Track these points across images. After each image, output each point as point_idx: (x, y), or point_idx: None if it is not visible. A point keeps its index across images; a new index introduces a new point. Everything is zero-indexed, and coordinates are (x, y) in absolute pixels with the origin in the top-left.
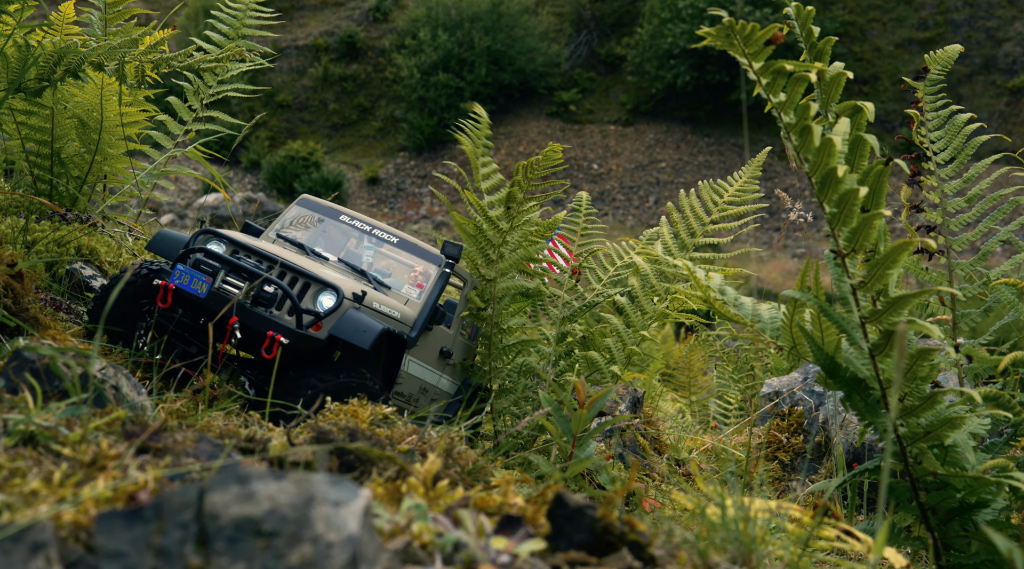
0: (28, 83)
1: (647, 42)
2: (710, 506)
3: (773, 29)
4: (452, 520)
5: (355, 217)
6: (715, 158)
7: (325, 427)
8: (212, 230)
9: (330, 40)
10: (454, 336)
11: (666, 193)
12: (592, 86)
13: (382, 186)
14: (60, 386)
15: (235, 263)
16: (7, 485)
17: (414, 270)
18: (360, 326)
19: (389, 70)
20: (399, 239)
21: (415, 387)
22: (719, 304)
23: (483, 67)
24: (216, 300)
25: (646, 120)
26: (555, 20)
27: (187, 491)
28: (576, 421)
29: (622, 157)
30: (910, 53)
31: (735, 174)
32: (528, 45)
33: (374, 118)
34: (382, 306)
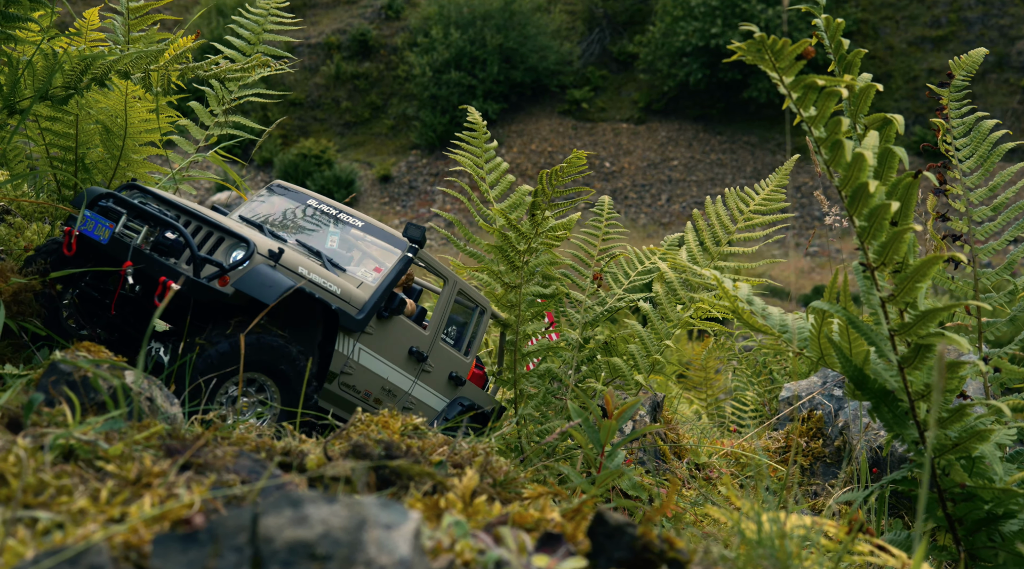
0: (55, 91)
1: (659, 40)
2: (746, 522)
3: (804, 44)
4: (493, 537)
5: (322, 201)
6: (728, 156)
7: (361, 441)
8: (136, 185)
9: (342, 38)
10: (431, 340)
11: (678, 191)
12: (604, 84)
13: (394, 184)
14: (96, 398)
15: (139, 208)
16: (54, 503)
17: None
18: (266, 281)
19: (401, 68)
20: (364, 223)
21: (373, 385)
22: (747, 315)
23: (495, 65)
24: (117, 247)
25: (658, 118)
26: (567, 18)
27: (241, 515)
28: (605, 431)
29: (634, 155)
30: (923, 51)
31: (762, 182)
32: (540, 43)
33: (386, 116)
34: (318, 277)
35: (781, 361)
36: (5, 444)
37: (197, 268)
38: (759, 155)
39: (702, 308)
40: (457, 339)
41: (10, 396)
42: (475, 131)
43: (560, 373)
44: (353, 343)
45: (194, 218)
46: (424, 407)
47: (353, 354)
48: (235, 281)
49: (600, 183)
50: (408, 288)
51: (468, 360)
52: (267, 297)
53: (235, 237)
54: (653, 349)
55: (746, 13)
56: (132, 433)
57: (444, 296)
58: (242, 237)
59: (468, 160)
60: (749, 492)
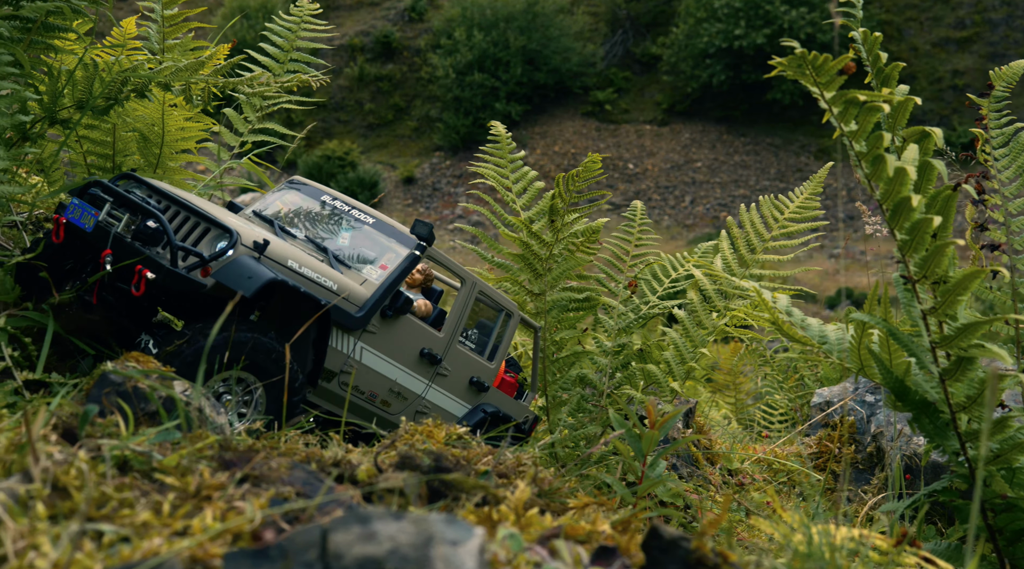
0: (95, 101)
1: (683, 41)
2: (797, 535)
3: (845, 59)
4: (548, 550)
5: (336, 197)
6: (751, 158)
7: (410, 452)
8: (132, 175)
9: (366, 40)
10: (446, 342)
11: (702, 193)
12: (627, 86)
13: (418, 186)
14: (146, 408)
15: (122, 196)
16: (117, 516)
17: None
18: (246, 272)
19: (424, 70)
20: (375, 220)
21: (379, 385)
22: (787, 326)
23: (518, 67)
24: (100, 235)
25: (681, 120)
26: (590, 20)
27: (310, 531)
28: (647, 441)
29: (658, 157)
30: (947, 52)
31: (796, 190)
32: (563, 45)
33: (410, 118)
34: (310, 271)
35: (812, 367)
36: (67, 457)
37: (174, 257)
38: (783, 157)
39: (737, 316)
40: (481, 343)
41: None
42: (499, 143)
43: (594, 379)
44: (354, 342)
45: (183, 208)
46: (441, 412)
47: (354, 353)
48: (215, 272)
49: (623, 185)
50: (428, 289)
51: (493, 366)
52: (246, 289)
53: (220, 227)
54: (688, 356)
55: (769, 15)
56: (186, 444)
57: (461, 298)
58: (226, 227)
59: (492, 171)
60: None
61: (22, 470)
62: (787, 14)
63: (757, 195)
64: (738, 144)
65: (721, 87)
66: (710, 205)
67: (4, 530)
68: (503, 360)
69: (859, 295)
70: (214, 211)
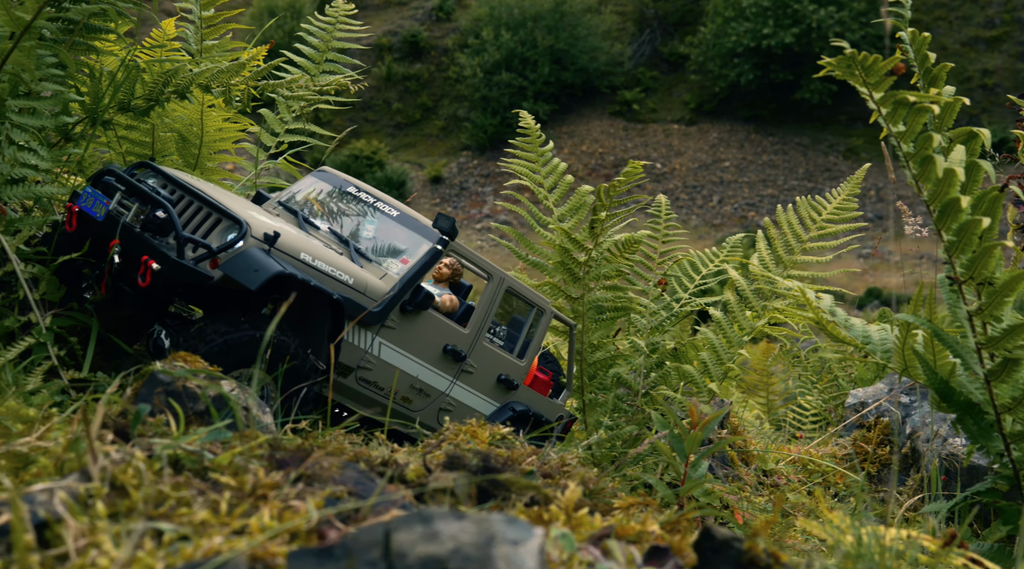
0: (136, 102)
1: (710, 41)
2: (847, 536)
3: (895, 60)
4: (601, 551)
5: (361, 189)
6: (779, 157)
7: (457, 452)
8: (150, 163)
9: (393, 39)
10: (471, 339)
11: (730, 193)
12: (655, 85)
13: (445, 185)
14: (194, 407)
15: (133, 185)
16: (175, 514)
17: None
18: (252, 265)
19: (452, 69)
20: (399, 213)
21: (399, 382)
22: (831, 326)
23: (546, 66)
24: (111, 224)
25: (709, 119)
26: (618, 19)
27: (374, 530)
28: (690, 442)
29: (685, 156)
30: (976, 51)
31: (833, 191)
32: (591, 44)
33: (437, 117)
34: (324, 265)
35: (846, 367)
36: (124, 456)
37: (180, 248)
38: (811, 156)
39: (775, 316)
40: (511, 340)
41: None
42: (528, 136)
43: (629, 379)
44: (372, 337)
45: (196, 198)
46: (466, 410)
47: (372, 348)
48: (223, 264)
49: (652, 184)
50: (456, 284)
51: (523, 363)
52: (251, 282)
53: (230, 218)
54: (725, 357)
55: (798, 14)
56: (236, 444)
57: (487, 294)
58: (236, 218)
59: (523, 168)
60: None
61: (80, 469)
62: (815, 13)
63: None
64: (766, 143)
65: (749, 86)
66: (738, 205)
67: (66, 528)
68: (535, 358)
69: (888, 295)
70: (228, 202)
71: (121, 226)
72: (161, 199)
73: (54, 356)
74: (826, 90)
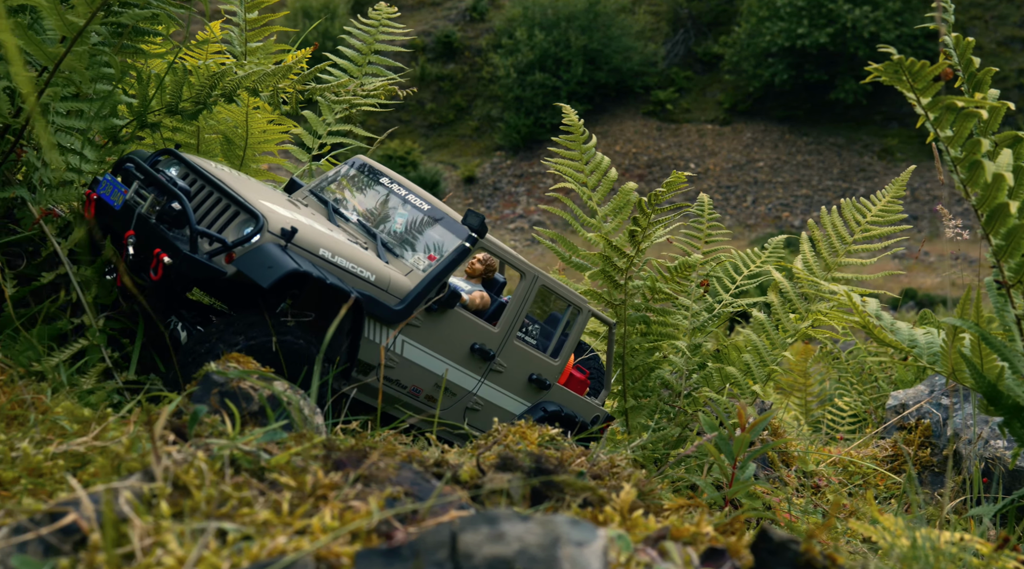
0: (184, 105)
1: (745, 40)
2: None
3: (942, 66)
4: (658, 552)
5: (394, 181)
6: (814, 158)
7: (509, 453)
8: (173, 151)
9: (427, 40)
10: (502, 338)
11: (764, 193)
12: (689, 85)
13: (479, 185)
14: (248, 408)
15: (151, 175)
16: (237, 514)
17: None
18: (267, 261)
19: (486, 70)
20: (430, 207)
21: (423, 380)
22: (877, 330)
23: (579, 66)
24: (128, 213)
25: (743, 119)
26: (652, 19)
27: (440, 531)
28: (738, 444)
29: (719, 156)
30: (1012, 51)
31: (878, 193)
32: (624, 44)
33: (471, 117)
34: (345, 261)
35: (886, 369)
36: (186, 457)
37: (194, 242)
38: (846, 157)
39: (819, 319)
40: (545, 338)
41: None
42: (572, 133)
43: (671, 381)
44: (399, 338)
45: (216, 189)
46: (494, 409)
47: (395, 346)
48: (237, 259)
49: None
50: (489, 280)
51: (557, 363)
52: (264, 280)
53: (247, 212)
54: (768, 359)
55: (832, 13)
56: (291, 444)
57: (519, 292)
58: (253, 212)
59: (567, 167)
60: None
61: (142, 469)
62: (850, 12)
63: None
64: (800, 144)
65: (783, 86)
66: (772, 205)
67: (131, 528)
68: (569, 357)
69: (923, 296)
70: (249, 193)
71: (136, 217)
72: (177, 190)
73: (108, 358)
74: (861, 90)
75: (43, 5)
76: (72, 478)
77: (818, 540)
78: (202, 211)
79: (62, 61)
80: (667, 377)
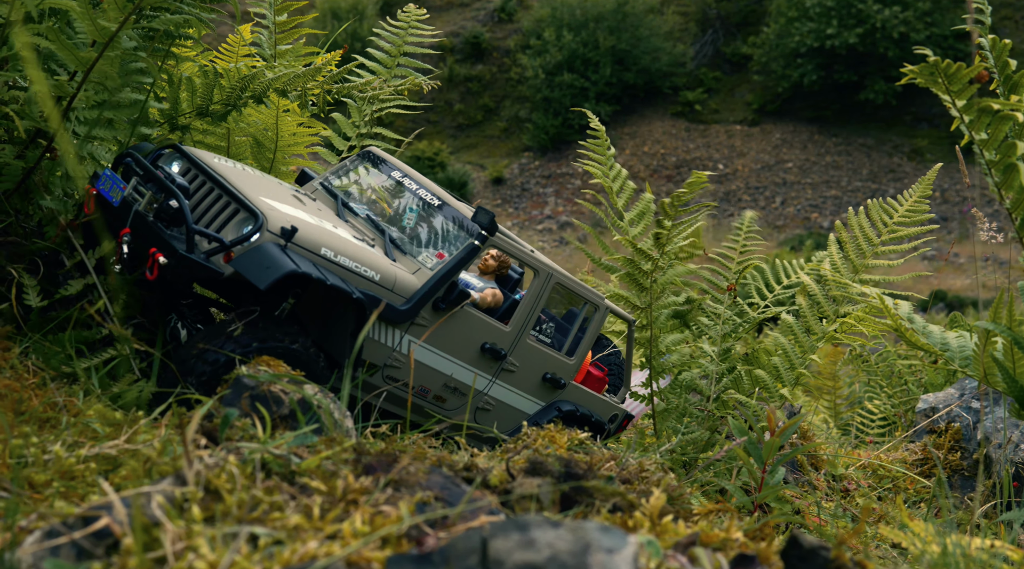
0: (214, 107)
1: (773, 41)
2: (932, 545)
3: (977, 68)
4: (688, 558)
5: (406, 174)
6: (843, 158)
7: (538, 457)
8: (177, 146)
9: (455, 41)
10: (513, 336)
11: (792, 194)
12: (717, 86)
13: (507, 186)
14: (279, 411)
15: (150, 171)
16: (268, 519)
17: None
18: (264, 262)
19: (514, 70)
20: (441, 202)
21: (431, 380)
22: (908, 333)
23: (608, 67)
24: (126, 210)
25: (772, 120)
26: (680, 19)
27: (471, 537)
28: (768, 448)
29: (748, 157)
30: None
31: (904, 193)
32: (653, 45)
33: (499, 118)
34: (347, 260)
35: (916, 372)
36: (217, 461)
37: (190, 242)
38: (875, 157)
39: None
40: (560, 337)
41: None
42: (598, 138)
43: (700, 384)
44: (400, 335)
45: (217, 185)
46: (507, 409)
47: (401, 346)
48: (235, 259)
49: (713, 185)
50: (503, 277)
51: (572, 361)
52: (260, 281)
53: (247, 210)
54: (797, 362)
55: (862, 13)
56: (322, 448)
57: (533, 290)
58: (252, 210)
59: (598, 170)
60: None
61: (173, 472)
62: (880, 13)
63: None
64: (830, 144)
65: (813, 87)
66: (801, 206)
67: (163, 532)
68: (586, 355)
69: (952, 298)
70: (249, 191)
71: (133, 214)
72: (174, 187)
73: (136, 368)
74: (891, 90)
75: (75, 9)
76: (104, 482)
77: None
78: (202, 208)
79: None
80: (696, 381)
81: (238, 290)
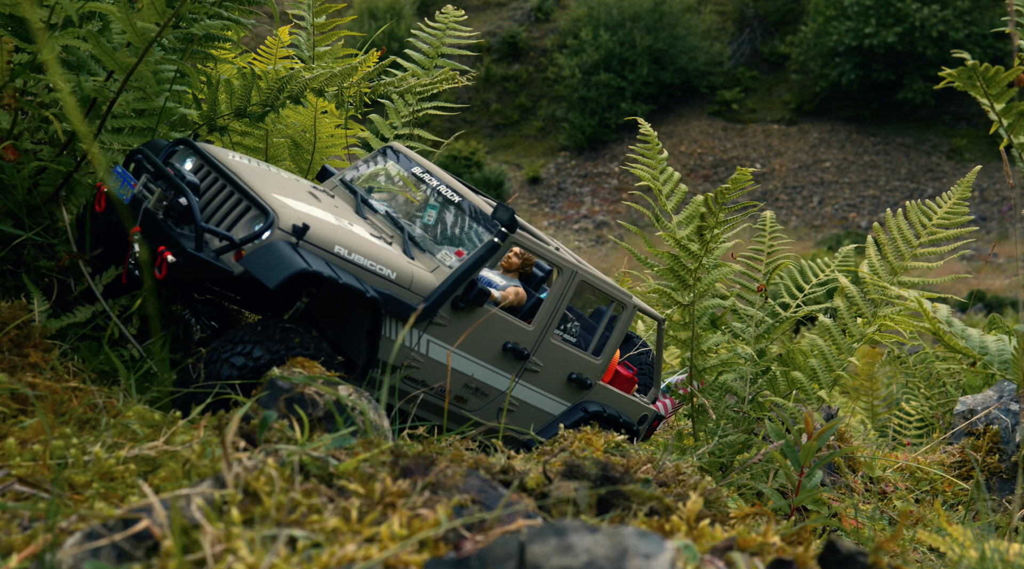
0: (252, 108)
1: (811, 40)
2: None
3: (1017, 71)
4: (725, 563)
5: (427, 170)
6: (881, 158)
7: (575, 460)
8: (189, 142)
9: (492, 40)
10: (537, 336)
11: (830, 193)
12: (755, 85)
13: (543, 186)
14: (314, 413)
15: (159, 169)
16: (306, 521)
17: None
18: (274, 260)
19: (551, 70)
20: (462, 199)
21: (454, 381)
22: (947, 336)
23: (644, 66)
24: (136, 208)
25: (810, 119)
26: (718, 19)
27: (508, 542)
28: (806, 451)
29: (785, 157)
30: None
31: (943, 195)
32: (690, 44)
33: (535, 118)
34: (362, 258)
35: (954, 374)
36: (256, 463)
37: (199, 240)
38: (914, 157)
39: (886, 324)
40: (586, 335)
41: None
42: (649, 143)
43: (735, 386)
44: (419, 334)
45: (229, 182)
46: (531, 410)
47: (419, 346)
48: (245, 258)
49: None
50: (527, 275)
51: (599, 361)
52: (270, 280)
53: (258, 207)
54: (835, 364)
55: (900, 12)
56: (360, 450)
57: (557, 288)
58: (263, 207)
59: (646, 173)
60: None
61: (212, 474)
62: (919, 11)
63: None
64: (868, 144)
65: (851, 86)
66: (838, 206)
67: (202, 534)
68: (613, 354)
69: (991, 298)
70: (262, 188)
71: (143, 212)
72: (184, 185)
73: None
74: (929, 90)
75: (114, 13)
76: (144, 484)
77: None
78: (214, 206)
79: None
80: (731, 383)
81: (249, 289)
